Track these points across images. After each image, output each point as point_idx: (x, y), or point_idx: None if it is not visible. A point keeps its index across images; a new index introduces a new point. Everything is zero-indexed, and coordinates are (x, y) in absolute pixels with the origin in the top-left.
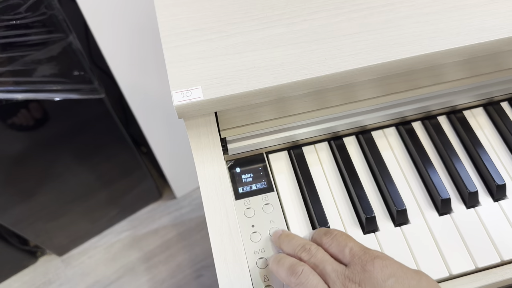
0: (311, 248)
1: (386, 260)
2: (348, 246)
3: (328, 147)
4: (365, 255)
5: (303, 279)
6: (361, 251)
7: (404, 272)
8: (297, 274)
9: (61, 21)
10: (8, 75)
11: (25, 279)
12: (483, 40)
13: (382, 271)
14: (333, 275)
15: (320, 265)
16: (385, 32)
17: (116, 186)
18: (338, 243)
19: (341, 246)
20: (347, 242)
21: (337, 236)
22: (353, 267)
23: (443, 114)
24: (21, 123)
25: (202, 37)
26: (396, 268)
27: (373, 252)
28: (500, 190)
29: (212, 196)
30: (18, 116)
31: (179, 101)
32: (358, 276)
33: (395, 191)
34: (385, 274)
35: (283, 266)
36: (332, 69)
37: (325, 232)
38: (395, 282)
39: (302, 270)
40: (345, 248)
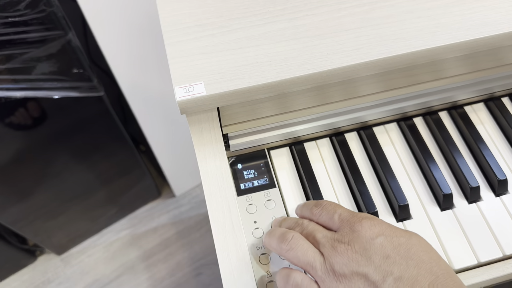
0: (303, 222)
1: (374, 220)
2: (337, 212)
3: (329, 143)
4: (353, 218)
5: (293, 245)
6: (349, 215)
7: (393, 230)
8: (287, 240)
9: (60, 19)
10: (6, 73)
11: (24, 278)
12: (484, 35)
13: (370, 230)
14: (323, 240)
15: (311, 234)
16: (388, 27)
17: (115, 184)
18: (327, 211)
19: (330, 214)
20: (336, 209)
21: (326, 205)
22: (342, 229)
23: (444, 109)
24: (20, 121)
25: (204, 32)
26: (385, 227)
27: (361, 214)
28: (501, 185)
29: (215, 192)
30: (17, 114)
31: (181, 97)
32: (347, 237)
33: (397, 186)
34: (374, 232)
35: (274, 236)
36: (334, 64)
37: (315, 203)
38: (384, 239)
39: (292, 236)
40: (334, 214)
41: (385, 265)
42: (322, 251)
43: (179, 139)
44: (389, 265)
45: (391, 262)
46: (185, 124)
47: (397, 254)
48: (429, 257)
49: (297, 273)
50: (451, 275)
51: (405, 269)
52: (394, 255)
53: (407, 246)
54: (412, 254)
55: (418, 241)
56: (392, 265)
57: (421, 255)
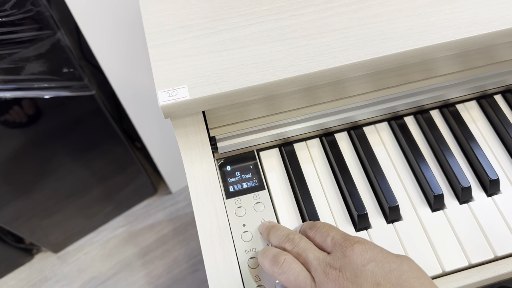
0: (294, 238)
1: (366, 245)
2: (330, 235)
3: (319, 143)
4: (346, 242)
5: (285, 268)
6: (341, 239)
7: (384, 256)
8: (279, 264)
9: (48, 18)
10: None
11: (21, 276)
12: (474, 34)
13: (362, 256)
14: (315, 263)
15: (303, 254)
16: (376, 26)
17: (111, 182)
18: (321, 234)
19: (324, 236)
20: (329, 231)
21: (320, 227)
22: (334, 254)
23: (435, 108)
24: (14, 120)
25: (188, 34)
26: (376, 252)
27: (353, 238)
28: (493, 185)
29: (202, 197)
30: (10, 114)
31: (164, 101)
32: (338, 262)
33: (387, 187)
34: (365, 258)
35: (267, 257)
36: (321, 65)
37: (310, 226)
38: (375, 266)
39: (284, 259)
40: (327, 237)
41: None
42: (314, 275)
43: (173, 136)
44: None
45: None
46: None
47: (388, 281)
48: (420, 283)
49: None
50: None
51: None
52: (384, 282)
53: (398, 273)
54: (403, 281)
55: (409, 267)
56: None
57: (412, 282)
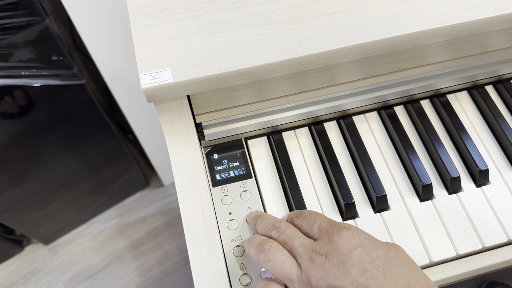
0: (280, 226)
1: (353, 230)
2: (317, 222)
3: (308, 132)
4: (332, 228)
5: (271, 256)
6: (328, 225)
7: (371, 242)
8: (264, 251)
9: (36, 4)
10: None
11: (11, 268)
12: (464, 20)
13: (348, 242)
14: (301, 249)
15: (288, 241)
16: (364, 11)
17: (103, 174)
18: (307, 221)
19: (310, 224)
20: (315, 219)
21: (307, 215)
22: (321, 240)
23: (426, 98)
24: (4, 110)
25: (172, 16)
26: (363, 238)
27: (340, 224)
28: (482, 175)
29: (186, 184)
30: (2, 103)
31: (147, 84)
32: (324, 248)
33: (375, 176)
34: (352, 244)
35: (253, 245)
36: (308, 50)
37: (297, 214)
38: (362, 252)
39: (270, 246)
40: (314, 224)
41: (362, 279)
42: (300, 262)
43: None
44: (366, 279)
45: (369, 276)
46: None
47: (375, 267)
48: (407, 270)
49: (275, 285)
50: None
51: (383, 283)
52: (371, 268)
53: (385, 259)
54: (390, 267)
55: (396, 254)
56: (369, 279)
57: (399, 268)
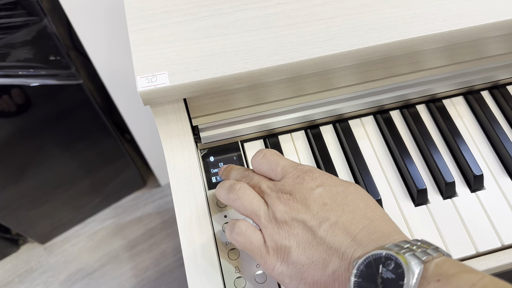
0: (248, 174)
1: (315, 172)
2: (280, 164)
3: (304, 136)
4: (296, 170)
5: (240, 194)
6: (292, 168)
7: (333, 181)
8: (235, 190)
9: (35, 4)
10: None
11: (7, 267)
12: (461, 27)
13: (311, 182)
14: (268, 190)
15: (256, 185)
16: (361, 17)
17: (100, 173)
18: (268, 162)
19: (273, 165)
20: (278, 160)
21: (266, 155)
22: (285, 180)
23: (422, 102)
24: (1, 109)
25: (170, 19)
26: (325, 178)
27: (303, 167)
28: (477, 181)
29: (182, 186)
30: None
31: (143, 87)
32: (289, 188)
33: (370, 181)
34: (314, 184)
35: (223, 187)
36: (304, 55)
37: (258, 152)
38: (323, 190)
39: (240, 186)
40: (277, 166)
41: (322, 212)
42: (267, 200)
43: None
44: (326, 212)
45: (328, 209)
46: None
47: (334, 201)
48: (365, 204)
49: (241, 222)
50: (385, 220)
51: (341, 215)
52: (331, 202)
53: (344, 194)
54: (349, 202)
55: (355, 190)
56: (328, 211)
57: (357, 202)
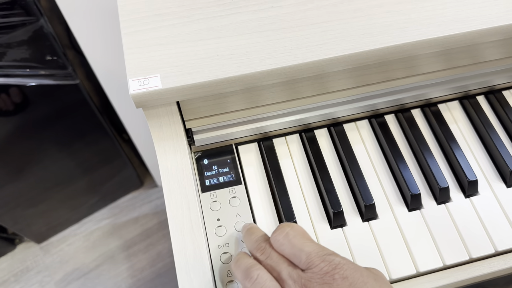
0: (266, 248)
1: (346, 270)
2: (305, 251)
3: (299, 139)
4: (324, 263)
5: (258, 286)
6: (319, 259)
7: (364, 282)
8: (252, 279)
9: (31, 4)
10: None
11: (3, 266)
12: (455, 32)
13: (342, 283)
14: (290, 282)
15: (276, 268)
16: (355, 21)
17: (97, 173)
18: (292, 245)
19: (296, 250)
20: (302, 246)
21: (289, 235)
22: (311, 275)
23: (417, 107)
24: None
25: (163, 22)
26: (356, 278)
27: (332, 259)
28: (471, 186)
29: (174, 189)
30: None
31: (135, 90)
32: (316, 287)
33: (364, 185)
34: (345, 286)
35: (239, 268)
36: (298, 59)
37: (277, 228)
38: None
39: (258, 275)
40: (301, 253)
41: None
42: None
43: None
44: None
45: None
46: None
47: None
48: None
49: None
50: None
51: None
52: None
53: None
54: None
55: None
56: None
57: None
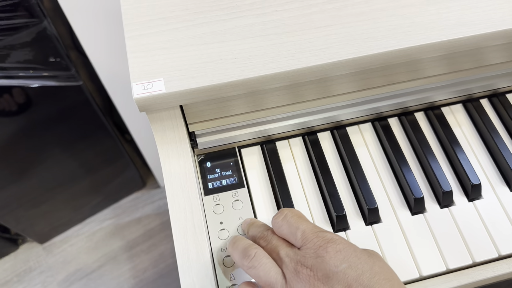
0: (267, 235)
1: (339, 244)
2: (300, 229)
3: (302, 142)
4: (318, 239)
5: (256, 263)
6: (313, 234)
7: (358, 257)
8: (249, 257)
9: (34, 6)
10: None
11: (6, 266)
12: (459, 36)
13: (335, 257)
14: (286, 260)
15: (275, 250)
16: (359, 25)
17: (99, 174)
18: (289, 225)
19: (293, 228)
20: (298, 224)
21: (287, 216)
22: (305, 251)
23: (420, 110)
24: (2, 109)
25: (167, 26)
26: (349, 252)
27: (325, 235)
28: (475, 190)
29: (177, 193)
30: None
31: (139, 94)
32: (310, 261)
33: (367, 189)
34: (338, 259)
35: (237, 249)
36: (301, 63)
37: (278, 213)
38: (348, 267)
39: (255, 253)
40: (297, 231)
41: None
42: (285, 272)
43: None
44: None
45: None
46: None
47: (360, 283)
48: (390, 285)
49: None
50: None
51: None
52: (356, 285)
53: (370, 274)
54: (374, 283)
55: (381, 268)
56: None
57: (382, 284)
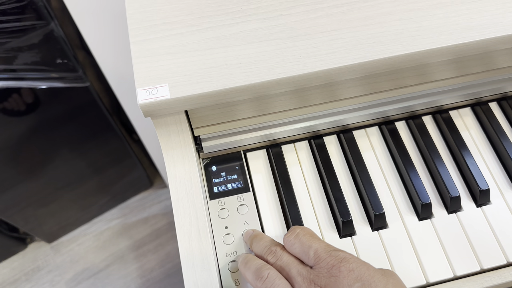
0: (276, 251)
1: (352, 263)
2: (313, 247)
3: (308, 146)
4: (331, 258)
5: (269, 284)
6: (326, 254)
7: (371, 275)
8: (262, 279)
9: (41, 8)
10: None
11: (14, 265)
12: (467, 40)
13: (348, 276)
14: (298, 279)
15: (286, 268)
16: (365, 29)
17: (107, 173)
18: (301, 243)
19: (305, 247)
20: (311, 243)
21: (299, 235)
22: (319, 270)
23: (428, 113)
24: (11, 108)
25: (172, 31)
26: (363, 271)
27: (338, 254)
28: (483, 195)
29: (182, 198)
30: (8, 102)
31: (144, 99)
32: (323, 280)
33: (374, 194)
34: (351, 278)
35: (249, 270)
36: (307, 68)
37: (290, 230)
38: (361, 286)
39: (268, 274)
40: (310, 249)
41: None
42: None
43: None
44: None
45: None
46: None
47: None
48: None
49: None
50: None
51: None
52: None
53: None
54: None
55: (395, 286)
56: None
57: None
